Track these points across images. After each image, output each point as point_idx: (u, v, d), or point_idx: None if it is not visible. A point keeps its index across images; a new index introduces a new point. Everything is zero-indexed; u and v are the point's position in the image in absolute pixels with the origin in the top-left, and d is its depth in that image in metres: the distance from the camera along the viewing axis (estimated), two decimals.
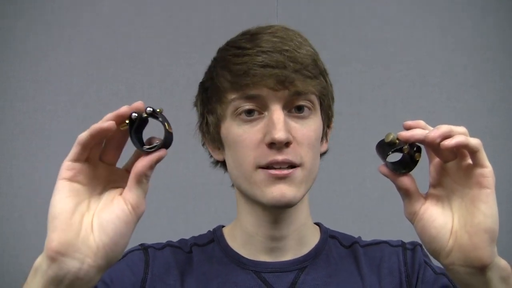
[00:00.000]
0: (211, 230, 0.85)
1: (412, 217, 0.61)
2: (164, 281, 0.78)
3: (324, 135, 0.81)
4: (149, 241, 0.84)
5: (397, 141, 0.59)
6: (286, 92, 0.72)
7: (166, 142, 0.60)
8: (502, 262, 0.58)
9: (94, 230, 0.57)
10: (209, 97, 0.79)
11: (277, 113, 0.72)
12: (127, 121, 0.58)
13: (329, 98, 0.79)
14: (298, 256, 0.79)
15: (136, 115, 0.58)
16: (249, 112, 0.74)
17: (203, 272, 0.79)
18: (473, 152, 0.57)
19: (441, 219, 0.60)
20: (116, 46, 1.47)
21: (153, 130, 0.60)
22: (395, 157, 0.62)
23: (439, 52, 1.49)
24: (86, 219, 0.58)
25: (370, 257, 0.81)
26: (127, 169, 0.61)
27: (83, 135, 0.57)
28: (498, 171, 0.54)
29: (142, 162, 0.59)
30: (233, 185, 0.82)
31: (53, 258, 0.55)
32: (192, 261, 0.80)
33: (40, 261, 0.57)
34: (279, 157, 0.71)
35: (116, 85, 1.45)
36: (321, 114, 0.78)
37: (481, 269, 0.57)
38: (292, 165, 0.73)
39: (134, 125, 0.59)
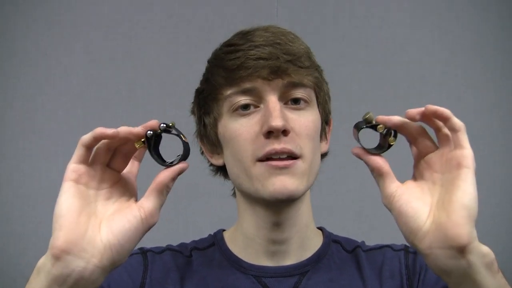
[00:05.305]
0: (212, 234, 0.84)
1: (390, 200, 0.60)
2: (162, 285, 0.77)
3: (323, 132, 0.80)
4: (150, 242, 0.84)
5: (374, 122, 0.60)
6: (280, 82, 0.72)
7: (186, 153, 0.62)
8: (484, 248, 0.56)
9: (101, 231, 0.58)
10: (205, 98, 0.79)
11: (272, 102, 0.72)
12: (143, 140, 0.59)
13: (325, 92, 0.79)
14: (300, 261, 0.78)
15: (151, 132, 0.59)
16: (245, 107, 0.73)
17: (203, 276, 0.78)
18: (454, 130, 0.57)
19: (419, 200, 0.59)
20: (116, 46, 1.46)
21: (169, 142, 0.62)
22: (371, 144, 0.63)
23: (439, 52, 1.49)
24: (93, 221, 0.58)
25: (372, 262, 0.80)
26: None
27: (86, 137, 0.58)
28: (498, 170, 0.54)
29: (166, 173, 0.60)
30: (233, 194, 0.81)
31: (58, 257, 0.55)
32: (192, 265, 0.80)
33: (44, 260, 0.57)
34: (277, 146, 0.70)
35: (116, 85, 1.45)
36: (318, 109, 0.77)
37: (461, 250, 0.54)
38: (291, 156, 0.71)
39: (152, 143, 0.60)
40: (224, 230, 0.84)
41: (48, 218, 0.59)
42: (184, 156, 0.62)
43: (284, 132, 0.71)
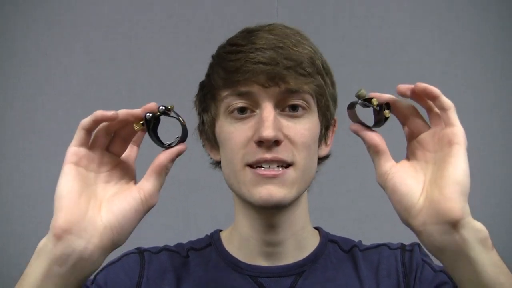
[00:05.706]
0: (209, 234, 0.84)
1: (384, 178, 0.61)
2: (159, 285, 0.77)
3: (323, 137, 0.80)
4: (152, 234, 0.84)
5: (367, 97, 0.62)
6: (277, 90, 0.71)
7: (184, 135, 0.63)
8: (478, 224, 0.56)
9: (102, 212, 0.59)
10: (205, 95, 0.79)
11: (266, 110, 0.70)
12: (141, 122, 0.61)
13: (327, 98, 0.77)
14: (296, 261, 0.78)
15: (150, 115, 0.61)
16: (242, 110, 0.73)
17: (200, 276, 0.78)
18: (443, 109, 0.58)
19: (413, 178, 0.59)
20: (116, 46, 1.46)
21: (166, 126, 0.64)
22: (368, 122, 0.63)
23: (439, 52, 1.49)
24: (93, 202, 0.59)
25: (369, 261, 0.80)
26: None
27: (86, 120, 0.60)
28: (498, 170, 0.54)
29: (165, 155, 0.61)
30: None
31: (59, 236, 0.56)
32: (188, 265, 0.79)
33: (45, 241, 0.57)
34: (268, 156, 0.70)
35: (116, 85, 1.45)
36: (318, 115, 0.76)
37: (454, 224, 0.55)
38: (282, 164, 0.71)
39: (151, 125, 0.61)
40: (221, 230, 0.84)
41: (48, 218, 0.59)
42: (182, 138, 0.63)
43: (276, 142, 0.70)
